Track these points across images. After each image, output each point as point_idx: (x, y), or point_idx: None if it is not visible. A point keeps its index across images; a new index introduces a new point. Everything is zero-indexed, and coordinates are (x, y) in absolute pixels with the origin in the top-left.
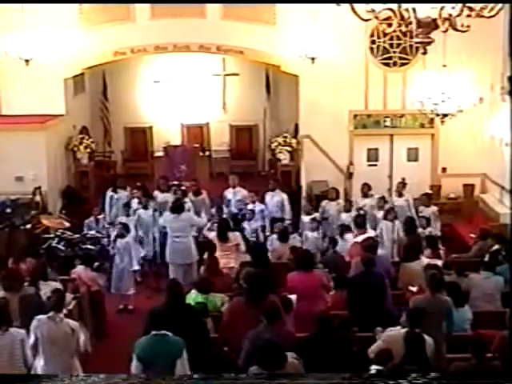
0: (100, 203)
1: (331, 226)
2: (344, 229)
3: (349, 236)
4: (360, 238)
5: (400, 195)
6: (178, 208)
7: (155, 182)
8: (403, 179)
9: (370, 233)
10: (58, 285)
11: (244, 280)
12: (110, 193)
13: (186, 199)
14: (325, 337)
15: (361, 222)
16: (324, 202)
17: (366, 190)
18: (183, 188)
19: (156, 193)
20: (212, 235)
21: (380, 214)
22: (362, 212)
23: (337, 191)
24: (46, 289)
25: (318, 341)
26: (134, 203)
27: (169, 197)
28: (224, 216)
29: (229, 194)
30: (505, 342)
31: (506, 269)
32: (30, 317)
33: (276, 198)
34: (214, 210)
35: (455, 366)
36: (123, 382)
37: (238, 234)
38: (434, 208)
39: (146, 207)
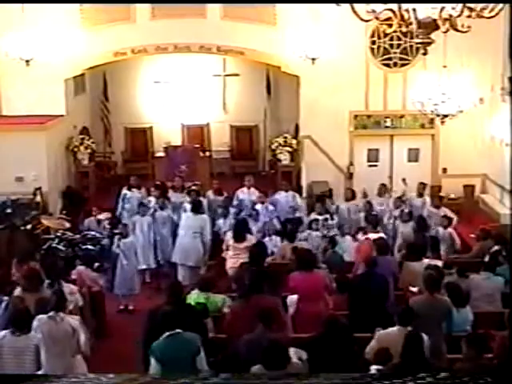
0: (103, 203)
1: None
2: (359, 229)
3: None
4: (367, 236)
5: (420, 195)
6: (197, 208)
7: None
8: (404, 179)
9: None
10: (71, 286)
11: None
12: (124, 191)
13: (201, 198)
14: (332, 338)
15: (373, 221)
16: (342, 205)
17: (383, 190)
18: (194, 188)
19: (170, 192)
20: (228, 235)
21: (395, 213)
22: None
23: (353, 192)
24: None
25: (325, 341)
26: (152, 202)
27: (181, 197)
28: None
29: (242, 194)
30: (505, 343)
31: (506, 269)
32: None
33: (290, 199)
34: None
35: (457, 366)
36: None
37: (252, 236)
38: (441, 211)
39: (162, 208)
